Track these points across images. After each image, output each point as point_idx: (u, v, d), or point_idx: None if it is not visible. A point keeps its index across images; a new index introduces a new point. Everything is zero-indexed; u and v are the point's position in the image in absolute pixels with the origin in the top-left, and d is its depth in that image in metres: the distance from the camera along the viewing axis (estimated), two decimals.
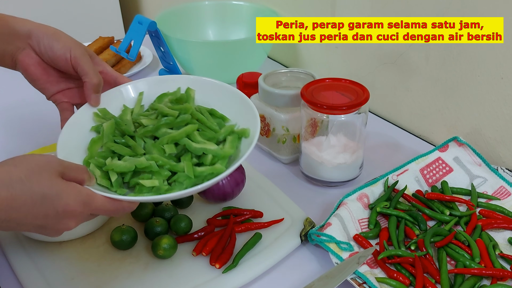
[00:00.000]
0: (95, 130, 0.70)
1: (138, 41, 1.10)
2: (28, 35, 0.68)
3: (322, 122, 0.81)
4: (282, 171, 0.91)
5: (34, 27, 0.69)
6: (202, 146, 0.66)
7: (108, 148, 0.67)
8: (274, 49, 1.31)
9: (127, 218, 0.78)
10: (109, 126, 0.68)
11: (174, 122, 0.69)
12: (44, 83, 0.71)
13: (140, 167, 0.63)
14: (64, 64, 0.69)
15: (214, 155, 0.66)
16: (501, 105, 0.85)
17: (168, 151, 0.66)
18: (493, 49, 0.83)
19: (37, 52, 0.69)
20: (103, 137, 0.67)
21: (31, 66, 0.69)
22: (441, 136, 0.97)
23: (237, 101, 0.72)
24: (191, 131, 0.68)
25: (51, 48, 0.68)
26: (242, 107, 0.71)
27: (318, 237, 0.71)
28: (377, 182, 0.82)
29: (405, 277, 0.66)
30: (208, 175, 0.64)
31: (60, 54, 0.68)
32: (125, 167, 0.63)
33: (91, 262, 0.70)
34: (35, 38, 0.68)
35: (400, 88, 1.02)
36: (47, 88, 0.72)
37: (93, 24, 1.85)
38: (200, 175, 0.64)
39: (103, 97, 0.72)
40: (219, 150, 0.66)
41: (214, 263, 0.69)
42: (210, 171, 0.64)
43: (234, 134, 0.69)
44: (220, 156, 0.66)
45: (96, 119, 0.70)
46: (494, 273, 0.66)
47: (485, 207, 0.78)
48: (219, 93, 0.74)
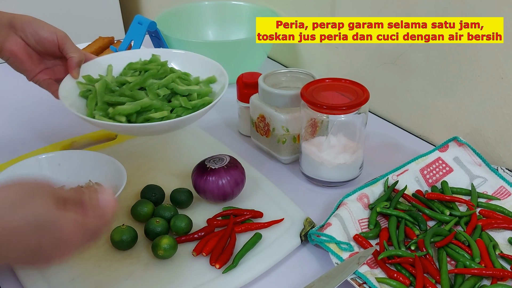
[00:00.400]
0: (82, 95, 0.81)
1: (138, 41, 1.10)
2: (10, 25, 0.77)
3: (322, 122, 0.81)
4: (282, 171, 0.91)
5: (13, 16, 0.78)
6: (187, 88, 0.81)
7: (103, 102, 0.78)
8: (274, 49, 1.31)
9: (127, 218, 0.78)
10: (101, 84, 0.80)
11: (157, 74, 0.83)
12: (28, 65, 0.80)
13: (145, 106, 0.76)
14: (50, 45, 0.79)
15: (198, 93, 0.81)
16: (501, 105, 0.85)
17: (162, 93, 0.79)
18: (493, 49, 0.83)
19: (22, 38, 0.78)
20: (98, 94, 0.78)
21: (18, 52, 0.78)
22: (441, 136, 0.97)
23: (200, 62, 0.87)
24: (175, 77, 0.82)
25: (36, 33, 0.78)
26: (205, 65, 0.87)
27: (318, 237, 0.71)
28: (377, 182, 0.82)
29: (405, 277, 0.66)
30: (201, 106, 0.78)
31: (47, 36, 0.78)
32: (131, 109, 0.75)
33: (91, 262, 0.70)
34: (19, 26, 0.77)
35: (400, 88, 1.02)
36: (31, 70, 0.81)
37: (93, 24, 1.85)
38: (195, 106, 0.78)
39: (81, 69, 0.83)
40: (200, 89, 0.82)
41: (214, 263, 0.69)
42: (201, 102, 0.79)
43: (204, 80, 0.85)
44: (203, 94, 0.81)
45: (81, 86, 0.81)
46: (494, 273, 0.66)
47: (485, 207, 0.78)
48: (182, 58, 0.89)
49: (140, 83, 0.81)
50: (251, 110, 0.93)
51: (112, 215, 0.55)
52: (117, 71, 0.86)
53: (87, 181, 0.81)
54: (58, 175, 0.81)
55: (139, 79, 0.81)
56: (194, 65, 0.87)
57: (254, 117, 0.92)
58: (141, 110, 0.76)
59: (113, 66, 0.86)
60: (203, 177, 0.78)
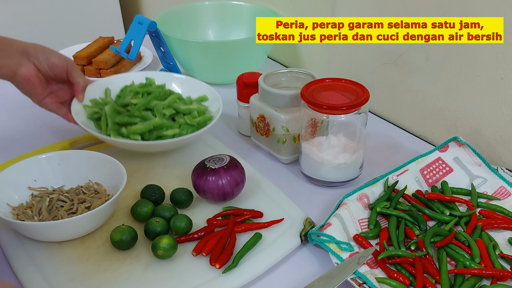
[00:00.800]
0: (90, 118, 0.89)
1: (138, 41, 1.10)
2: (24, 52, 0.84)
3: (322, 122, 0.81)
4: (282, 171, 0.91)
5: (25, 44, 0.85)
6: (187, 107, 0.91)
7: (114, 123, 0.85)
8: (274, 49, 1.31)
9: (127, 218, 0.78)
10: (110, 107, 0.87)
11: (160, 95, 0.92)
12: (39, 89, 0.86)
13: (156, 125, 0.84)
14: (60, 71, 0.86)
15: (197, 111, 0.91)
16: (501, 105, 0.85)
17: (168, 113, 0.88)
18: (493, 49, 0.83)
19: (35, 64, 0.84)
20: (108, 116, 0.86)
21: (31, 77, 0.84)
22: (441, 136, 0.97)
23: (190, 83, 0.98)
24: (176, 98, 0.92)
25: (49, 59, 0.85)
26: (195, 85, 0.97)
27: (318, 237, 0.71)
28: (377, 182, 0.82)
29: (405, 277, 0.66)
30: (203, 123, 0.88)
31: (58, 63, 0.86)
32: (144, 128, 0.84)
33: (91, 262, 0.70)
34: (32, 53, 0.84)
35: (400, 88, 1.02)
36: (40, 94, 0.87)
37: (93, 24, 1.85)
38: (199, 123, 0.88)
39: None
40: (199, 108, 0.91)
41: (214, 263, 0.69)
42: (204, 119, 0.89)
43: (196, 99, 0.95)
44: (201, 111, 0.91)
45: (88, 109, 0.89)
46: (494, 273, 0.66)
47: (485, 207, 0.78)
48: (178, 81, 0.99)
49: (145, 104, 0.89)
50: (251, 110, 0.93)
51: None
52: (113, 93, 0.95)
53: (87, 181, 0.81)
54: (58, 175, 0.81)
55: (144, 101, 0.89)
56: (185, 86, 0.98)
57: (254, 117, 0.92)
58: (153, 128, 0.84)
59: (110, 89, 0.95)
60: (203, 177, 0.78)
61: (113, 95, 0.95)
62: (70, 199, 0.77)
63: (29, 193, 0.79)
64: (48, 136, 0.98)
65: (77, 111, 0.87)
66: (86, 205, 0.76)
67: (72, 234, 0.72)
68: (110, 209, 0.74)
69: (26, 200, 0.78)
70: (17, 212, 0.75)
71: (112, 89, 0.95)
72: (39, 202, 0.76)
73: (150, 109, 0.90)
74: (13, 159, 0.87)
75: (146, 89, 0.94)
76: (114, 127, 0.85)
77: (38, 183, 0.80)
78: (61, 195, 0.78)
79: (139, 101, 0.90)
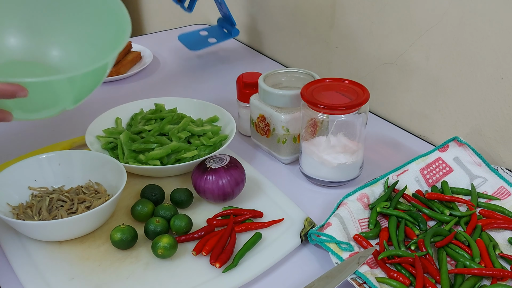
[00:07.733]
0: (105, 148, 0.89)
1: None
2: None
3: (322, 122, 0.81)
4: (282, 171, 0.91)
5: None
6: (201, 128, 0.92)
7: (130, 151, 0.86)
8: (274, 49, 1.31)
9: (127, 217, 0.78)
10: (125, 135, 0.88)
11: (173, 120, 0.93)
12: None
13: (174, 149, 0.85)
14: None
15: (212, 132, 0.91)
16: (501, 105, 0.85)
17: (184, 136, 0.89)
18: (493, 49, 0.83)
19: None
20: (124, 144, 0.87)
21: None
22: (441, 136, 0.97)
23: (199, 106, 0.99)
24: (189, 120, 0.93)
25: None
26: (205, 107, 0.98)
27: (318, 237, 0.71)
28: (377, 182, 0.82)
29: (405, 277, 0.66)
30: (218, 143, 0.89)
31: None
32: (163, 153, 0.85)
33: (91, 262, 0.70)
34: None
35: (400, 88, 1.02)
36: None
37: None
38: (214, 143, 0.89)
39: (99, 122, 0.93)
40: (213, 128, 0.92)
41: (214, 263, 0.69)
42: (219, 139, 0.90)
43: (207, 120, 0.96)
44: (215, 131, 0.92)
45: (102, 140, 0.90)
46: (494, 273, 0.66)
47: (485, 207, 0.78)
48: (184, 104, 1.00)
49: (159, 129, 0.90)
50: (251, 110, 0.93)
51: None
52: (123, 122, 0.96)
53: (87, 181, 0.81)
54: (58, 175, 0.81)
55: (158, 126, 0.91)
56: (193, 108, 0.99)
57: (254, 117, 0.92)
58: (171, 152, 0.85)
59: (121, 118, 0.96)
60: (203, 177, 0.78)
61: (123, 124, 0.96)
62: (70, 199, 0.77)
63: (29, 193, 0.79)
64: (48, 136, 0.98)
65: (91, 142, 0.87)
66: (86, 205, 0.76)
67: (72, 233, 0.72)
68: (110, 209, 0.74)
69: (26, 200, 0.78)
70: (17, 211, 0.75)
71: (122, 117, 0.96)
72: (39, 202, 0.76)
73: (164, 133, 0.91)
74: (13, 159, 0.87)
75: (157, 114, 0.95)
76: (131, 154, 0.85)
77: (38, 183, 0.80)
78: (61, 195, 0.78)
79: (153, 127, 0.91)
